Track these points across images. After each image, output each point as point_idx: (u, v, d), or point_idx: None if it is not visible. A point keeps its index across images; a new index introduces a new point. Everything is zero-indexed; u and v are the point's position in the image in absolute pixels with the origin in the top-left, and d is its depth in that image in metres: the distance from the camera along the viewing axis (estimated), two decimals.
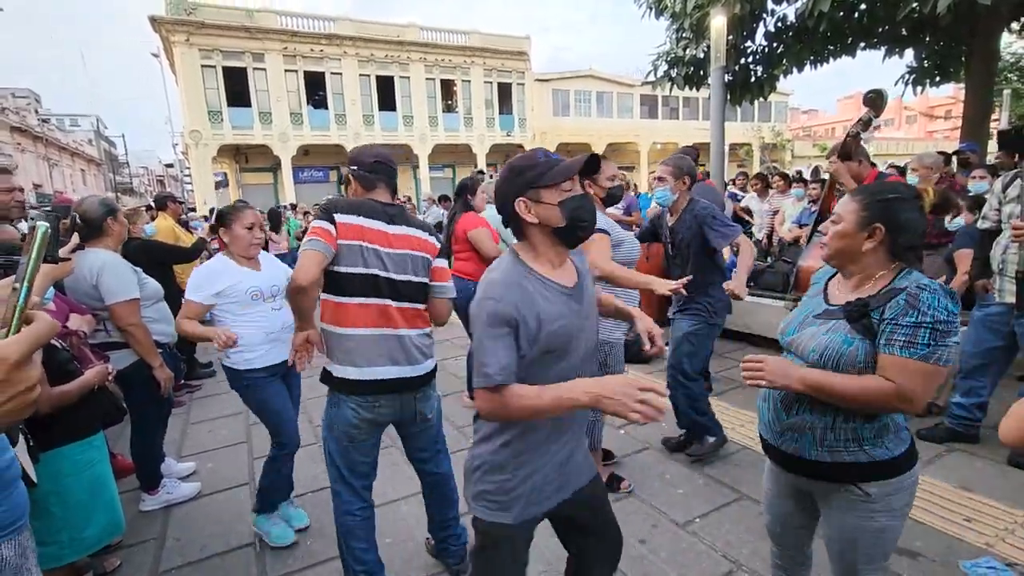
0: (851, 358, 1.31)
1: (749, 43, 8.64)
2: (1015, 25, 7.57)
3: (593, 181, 2.50)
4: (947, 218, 3.86)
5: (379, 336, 1.91)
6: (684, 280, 2.25)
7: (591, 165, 1.29)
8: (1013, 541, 2.25)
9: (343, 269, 1.86)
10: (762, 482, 1.67)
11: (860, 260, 1.38)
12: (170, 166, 44.61)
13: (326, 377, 1.99)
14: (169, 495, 2.96)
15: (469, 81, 25.16)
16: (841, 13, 6.96)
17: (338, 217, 1.85)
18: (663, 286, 2.26)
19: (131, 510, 2.79)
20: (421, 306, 2.03)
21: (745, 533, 2.43)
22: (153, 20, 19.48)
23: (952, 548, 2.23)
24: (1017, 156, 2.75)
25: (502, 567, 1.43)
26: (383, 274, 1.90)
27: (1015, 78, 15.46)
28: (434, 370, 2.09)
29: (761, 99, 9.25)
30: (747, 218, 6.83)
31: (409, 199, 9.78)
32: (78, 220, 2.55)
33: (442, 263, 2.07)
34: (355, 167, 2.00)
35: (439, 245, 2.07)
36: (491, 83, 25.75)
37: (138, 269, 2.76)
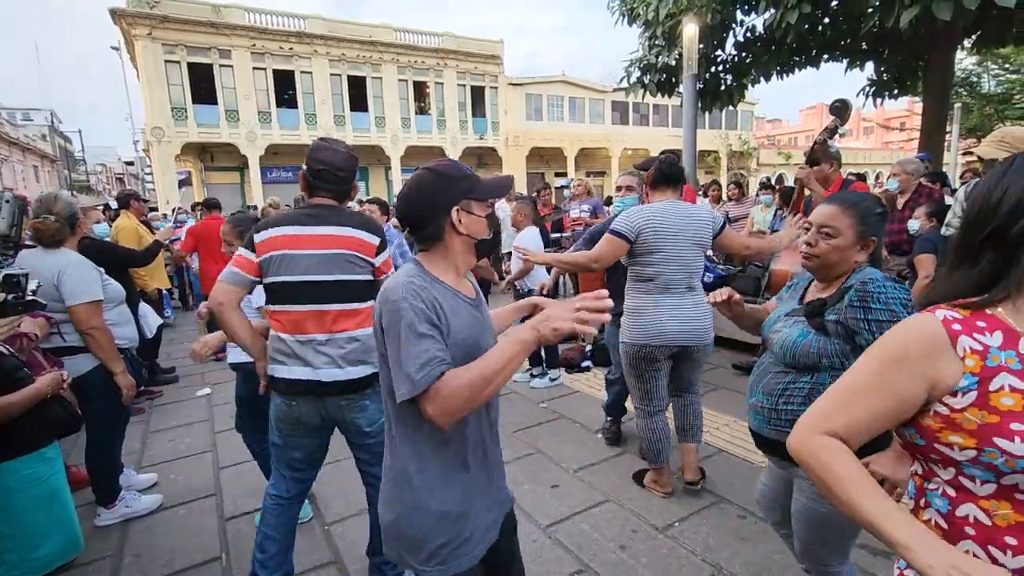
0: (804, 350, 1.43)
1: (719, 52, 8.81)
2: (967, 42, 7.92)
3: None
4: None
5: (295, 340, 1.90)
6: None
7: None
8: None
9: (267, 281, 1.92)
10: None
11: (842, 267, 1.47)
12: (130, 164, 42.93)
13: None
14: (128, 508, 2.80)
15: (442, 83, 25.03)
16: (807, 26, 7.16)
17: (256, 237, 1.91)
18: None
19: (85, 526, 2.62)
20: (348, 306, 1.92)
21: (725, 536, 2.44)
22: (113, 13, 18.74)
23: None
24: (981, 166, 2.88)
25: None
26: (295, 279, 1.87)
27: (965, 93, 16.22)
28: (365, 378, 1.94)
29: (730, 107, 9.45)
30: None
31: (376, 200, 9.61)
32: (53, 219, 2.44)
33: (383, 257, 2.00)
34: (306, 166, 1.99)
35: (376, 241, 1.97)
36: (464, 86, 25.68)
37: (100, 269, 2.63)
